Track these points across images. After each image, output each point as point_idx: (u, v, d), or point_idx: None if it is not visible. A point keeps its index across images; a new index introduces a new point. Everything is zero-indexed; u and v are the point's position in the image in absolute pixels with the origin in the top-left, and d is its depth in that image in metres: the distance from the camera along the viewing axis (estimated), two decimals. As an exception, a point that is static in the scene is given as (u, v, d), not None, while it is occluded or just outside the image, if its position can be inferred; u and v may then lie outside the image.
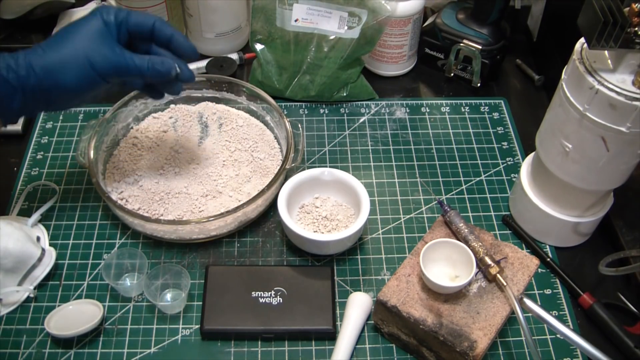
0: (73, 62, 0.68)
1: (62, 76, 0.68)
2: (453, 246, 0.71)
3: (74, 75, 0.68)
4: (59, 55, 0.68)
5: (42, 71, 0.67)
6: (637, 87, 0.62)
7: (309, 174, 0.82)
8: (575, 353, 0.74)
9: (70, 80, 0.68)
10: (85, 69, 0.69)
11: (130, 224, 0.82)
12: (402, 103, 1.01)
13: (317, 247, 0.78)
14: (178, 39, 0.74)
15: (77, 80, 0.69)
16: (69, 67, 0.68)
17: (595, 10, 0.62)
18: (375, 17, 0.93)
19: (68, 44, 0.69)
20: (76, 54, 0.68)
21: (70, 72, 0.68)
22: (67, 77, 0.68)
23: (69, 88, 0.69)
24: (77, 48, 0.68)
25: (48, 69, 0.68)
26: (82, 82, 0.69)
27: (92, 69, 0.69)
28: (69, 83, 0.69)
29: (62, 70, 0.68)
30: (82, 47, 0.69)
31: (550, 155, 0.74)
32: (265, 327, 0.73)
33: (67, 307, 0.75)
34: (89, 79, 0.69)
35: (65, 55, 0.68)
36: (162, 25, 0.74)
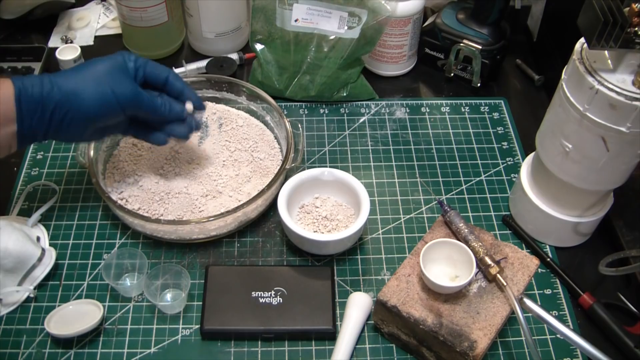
0: (96, 86, 0.72)
1: (84, 96, 0.71)
2: (453, 246, 0.71)
3: (95, 98, 0.71)
4: (83, 78, 0.71)
5: (66, 90, 0.70)
6: (637, 87, 0.62)
7: (309, 174, 0.82)
8: (575, 353, 0.74)
9: (91, 103, 0.71)
10: (107, 95, 0.72)
11: (130, 224, 0.82)
12: (402, 103, 1.01)
13: (317, 247, 0.78)
14: (188, 94, 0.80)
15: (97, 103, 0.71)
16: (91, 90, 0.71)
17: (595, 10, 0.62)
18: (375, 17, 0.93)
19: (93, 71, 0.72)
20: (100, 79, 0.72)
21: (92, 95, 0.71)
22: (89, 99, 0.71)
23: (88, 110, 0.71)
24: (100, 75, 0.72)
25: (71, 88, 0.70)
26: (102, 106, 0.72)
27: (114, 94, 0.72)
28: (90, 105, 0.71)
29: (85, 91, 0.71)
30: (106, 75, 0.72)
31: (550, 155, 0.74)
32: (265, 327, 0.73)
33: (67, 307, 0.75)
34: (108, 105, 0.72)
35: (89, 79, 0.71)
36: (175, 78, 0.79)
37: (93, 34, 1.12)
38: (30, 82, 0.68)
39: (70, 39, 1.10)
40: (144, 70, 0.76)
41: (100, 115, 0.72)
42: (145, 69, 0.76)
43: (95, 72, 0.72)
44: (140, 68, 0.76)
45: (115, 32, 1.12)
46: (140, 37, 1.05)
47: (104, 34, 1.13)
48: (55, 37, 1.11)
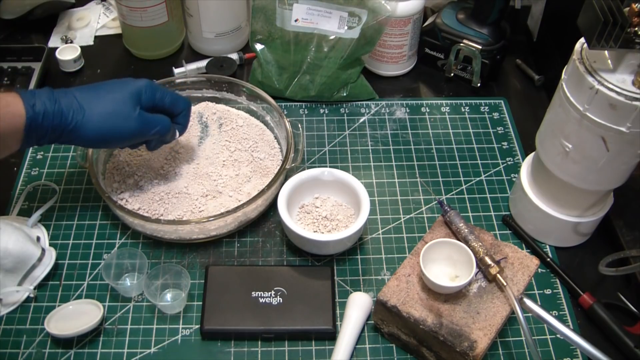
0: (103, 121, 0.73)
1: (89, 133, 0.73)
2: (453, 246, 0.71)
3: (99, 134, 0.73)
4: (92, 111, 0.73)
5: (75, 123, 0.71)
6: (637, 87, 0.62)
7: (309, 174, 0.82)
8: (575, 353, 0.74)
9: (94, 138, 0.73)
10: (111, 132, 0.74)
11: (130, 224, 0.82)
12: (402, 103, 1.01)
13: (317, 247, 0.78)
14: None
15: (100, 139, 0.74)
16: (97, 125, 0.73)
17: (595, 10, 0.62)
18: (375, 17, 0.93)
19: (105, 103, 0.74)
20: (109, 114, 0.74)
21: (97, 131, 0.73)
22: (93, 135, 0.73)
23: (91, 143, 0.75)
24: (110, 110, 0.74)
25: (80, 122, 0.72)
26: (104, 141, 0.75)
27: (119, 133, 0.74)
28: (93, 139, 0.73)
29: (92, 127, 0.72)
30: (116, 109, 0.74)
31: (550, 155, 0.74)
32: (265, 327, 0.73)
33: (67, 307, 0.75)
34: (111, 140, 0.75)
35: (98, 112, 0.73)
36: (186, 114, 0.82)
37: (93, 34, 1.12)
38: (42, 110, 0.69)
39: (70, 39, 1.10)
40: (160, 103, 0.78)
41: (101, 145, 0.78)
42: (163, 102, 0.78)
43: (107, 106, 0.73)
44: (157, 101, 0.78)
45: (115, 32, 1.12)
46: (140, 37, 1.05)
47: (104, 34, 1.13)
48: (55, 37, 1.11)
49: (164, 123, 0.78)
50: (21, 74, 1.00)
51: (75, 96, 0.72)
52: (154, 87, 0.77)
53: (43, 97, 0.70)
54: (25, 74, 1.00)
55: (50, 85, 1.02)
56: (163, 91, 0.78)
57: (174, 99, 0.79)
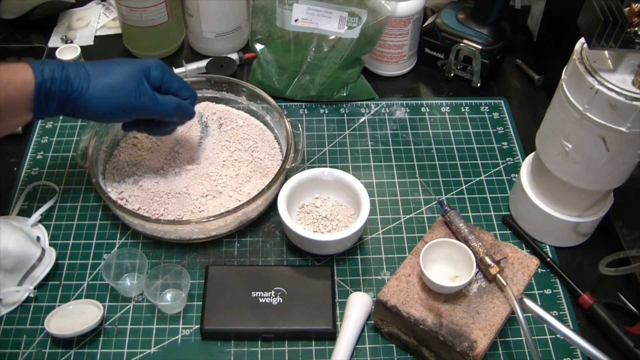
0: (109, 93, 0.74)
1: (97, 106, 0.74)
2: (453, 246, 0.71)
3: (106, 107, 0.74)
4: (100, 83, 0.73)
5: (83, 95, 0.72)
6: (637, 87, 0.62)
7: (309, 174, 0.82)
8: (575, 353, 0.74)
9: (101, 111, 0.74)
10: (118, 106, 0.75)
11: (130, 224, 0.82)
12: (402, 103, 1.01)
13: (317, 247, 0.78)
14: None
15: (107, 111, 0.75)
16: (103, 98, 0.73)
17: (595, 10, 0.62)
18: (375, 17, 0.93)
19: (112, 77, 0.74)
20: (116, 88, 0.74)
21: (103, 105, 0.74)
22: (100, 108, 0.74)
23: (98, 115, 0.75)
24: (117, 84, 0.74)
25: (88, 94, 0.73)
26: (111, 115, 0.76)
27: (124, 108, 0.75)
28: (99, 112, 0.75)
29: (98, 101, 0.73)
30: (124, 84, 0.74)
31: (550, 155, 0.74)
32: (265, 327, 0.73)
33: (67, 307, 0.75)
34: (117, 115, 0.76)
35: (106, 86, 0.74)
36: (192, 103, 0.82)
37: (93, 34, 1.12)
38: (49, 75, 0.70)
39: (70, 39, 1.10)
40: (167, 84, 0.78)
41: (105, 118, 0.77)
42: (170, 84, 0.78)
43: (114, 77, 0.74)
44: (165, 82, 0.78)
45: (115, 32, 1.12)
46: (140, 37, 1.05)
47: (104, 34, 1.13)
48: (55, 37, 1.11)
49: (169, 103, 0.78)
50: (21, 74, 1.00)
51: (84, 66, 0.74)
52: (164, 67, 0.78)
53: (52, 64, 0.72)
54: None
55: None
56: (172, 74, 0.79)
57: (181, 85, 0.80)
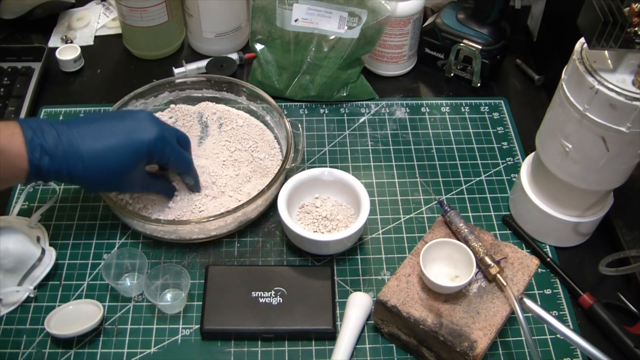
0: (102, 173, 0.72)
1: (89, 183, 0.74)
2: (453, 246, 0.71)
3: (98, 186, 0.76)
4: (93, 162, 0.71)
5: (75, 172, 0.70)
6: (637, 87, 0.62)
7: (309, 174, 0.82)
8: (575, 353, 0.74)
9: (93, 189, 0.79)
10: (110, 186, 0.76)
11: (130, 224, 0.82)
12: (402, 103, 1.01)
13: (317, 247, 0.78)
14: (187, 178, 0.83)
15: (98, 190, 0.78)
16: (96, 178, 0.72)
17: (595, 10, 0.62)
18: (375, 17, 0.93)
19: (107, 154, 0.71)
20: (110, 167, 0.72)
21: (96, 185, 0.75)
22: (92, 185, 0.75)
23: (91, 190, 0.81)
24: (112, 163, 0.72)
25: (80, 171, 0.70)
26: (102, 189, 0.78)
27: (117, 186, 0.77)
28: (93, 189, 0.79)
29: (90, 180, 0.72)
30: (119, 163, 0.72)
31: (550, 155, 0.74)
32: (265, 327, 0.73)
33: (67, 307, 0.75)
34: (108, 190, 0.78)
35: (99, 166, 0.71)
36: (191, 175, 0.82)
37: (93, 34, 1.12)
38: (44, 168, 0.68)
39: (70, 39, 1.10)
40: (165, 160, 0.77)
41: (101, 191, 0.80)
42: (169, 162, 0.77)
43: (111, 165, 0.71)
44: (163, 159, 0.76)
45: (115, 32, 1.12)
46: (140, 37, 1.05)
47: (104, 34, 1.13)
48: (55, 37, 1.11)
49: (164, 190, 0.82)
50: (21, 74, 1.00)
51: (82, 157, 0.69)
52: (164, 144, 0.74)
53: (47, 155, 0.68)
54: (25, 74, 1.00)
55: (51, 85, 1.02)
56: (172, 148, 0.76)
57: (178, 159, 0.78)
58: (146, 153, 0.73)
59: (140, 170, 0.76)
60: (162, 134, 0.74)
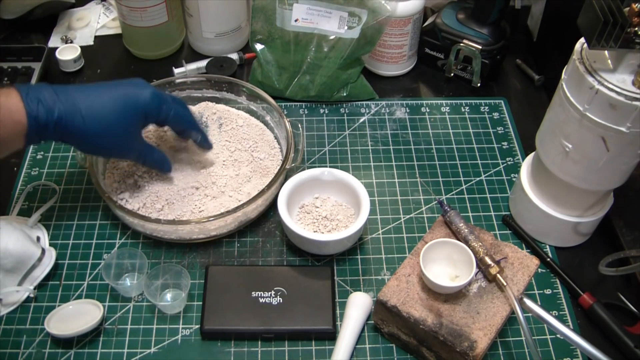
0: (101, 129, 0.73)
1: (85, 143, 0.74)
2: (453, 246, 0.71)
3: (95, 148, 0.77)
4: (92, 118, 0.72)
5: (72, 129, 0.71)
6: (637, 87, 0.62)
7: (309, 174, 0.82)
8: (575, 353, 0.74)
9: (91, 151, 0.78)
10: (107, 149, 0.77)
11: (130, 224, 0.82)
12: (402, 103, 1.01)
13: (317, 247, 0.78)
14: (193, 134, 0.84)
15: (96, 152, 0.79)
16: (94, 139, 0.73)
17: (595, 10, 0.62)
18: (375, 17, 0.93)
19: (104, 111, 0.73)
20: (109, 123, 0.73)
21: (93, 145, 0.75)
22: (90, 147, 0.76)
23: (89, 151, 0.79)
24: (112, 119, 0.73)
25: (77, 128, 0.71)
26: (101, 154, 0.80)
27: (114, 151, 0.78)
28: (90, 150, 0.78)
29: (88, 139, 0.73)
30: (117, 120, 0.73)
31: (550, 155, 0.74)
32: (265, 327, 0.73)
33: (67, 307, 0.75)
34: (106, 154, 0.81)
35: (98, 120, 0.72)
36: (194, 128, 0.83)
37: (93, 34, 1.12)
38: (43, 121, 0.69)
39: (70, 39, 1.10)
40: (164, 117, 0.78)
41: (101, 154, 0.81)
42: (167, 119, 0.78)
43: (109, 126, 0.72)
44: (159, 116, 0.77)
45: (115, 32, 1.12)
46: (140, 37, 1.05)
47: (104, 34, 1.13)
48: (55, 37, 1.11)
49: (160, 163, 0.82)
50: (21, 74, 1.00)
51: (80, 110, 0.71)
52: (161, 101, 0.76)
53: (44, 107, 0.69)
54: (25, 74, 1.00)
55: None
56: (168, 105, 0.77)
57: (177, 115, 0.79)
58: (142, 109, 0.74)
59: (137, 131, 0.77)
60: (157, 93, 0.76)
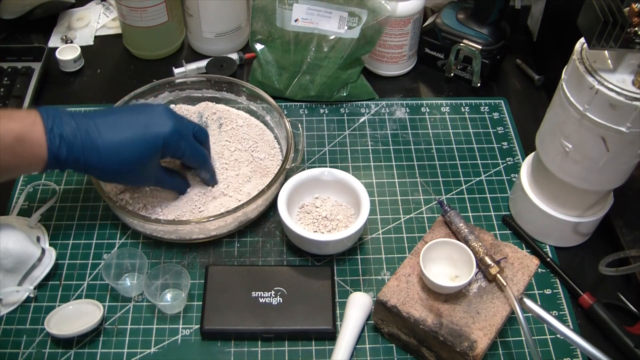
0: (118, 168, 0.73)
1: (105, 176, 0.77)
2: (453, 246, 0.71)
3: (112, 179, 0.78)
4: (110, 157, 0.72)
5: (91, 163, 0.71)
6: (637, 87, 0.62)
7: (309, 174, 0.82)
8: (575, 353, 0.74)
9: (109, 180, 0.79)
10: (125, 179, 0.78)
11: (130, 224, 0.82)
12: (402, 103, 1.01)
13: (317, 247, 0.78)
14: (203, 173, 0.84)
15: (113, 181, 0.80)
16: (111, 172, 0.74)
17: (595, 10, 0.62)
18: (375, 17, 0.93)
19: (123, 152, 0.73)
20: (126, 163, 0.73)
21: (111, 177, 0.77)
22: (107, 178, 0.78)
23: (107, 180, 0.80)
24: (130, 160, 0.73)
25: (96, 162, 0.72)
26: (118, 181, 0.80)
27: (133, 181, 0.79)
28: (108, 180, 0.79)
29: (106, 173, 0.74)
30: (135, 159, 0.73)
31: (550, 155, 0.74)
32: (265, 327, 0.73)
33: (67, 307, 0.75)
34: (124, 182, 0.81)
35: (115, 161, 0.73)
36: (207, 169, 0.83)
37: (93, 34, 1.12)
38: (63, 158, 0.69)
39: (70, 39, 1.10)
40: (180, 155, 0.78)
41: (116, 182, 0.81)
42: (183, 157, 0.78)
43: (127, 158, 0.72)
44: (177, 153, 0.77)
45: (115, 32, 1.12)
46: (140, 37, 1.05)
47: (104, 34, 1.13)
48: (55, 37, 1.11)
49: (178, 186, 0.82)
50: (21, 74, 1.00)
51: (97, 143, 0.71)
52: (179, 139, 0.75)
53: (65, 144, 0.69)
54: (25, 74, 1.00)
55: (51, 85, 1.02)
56: (187, 142, 0.77)
57: (193, 154, 0.79)
58: (161, 147, 0.74)
59: (155, 164, 0.77)
60: (177, 129, 0.75)
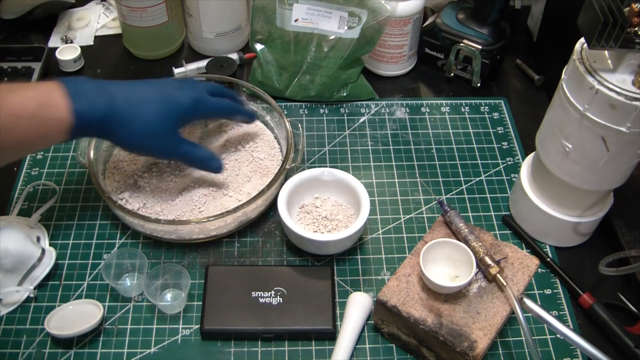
0: (141, 136, 0.75)
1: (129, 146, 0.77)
2: (453, 246, 0.71)
3: (137, 150, 0.79)
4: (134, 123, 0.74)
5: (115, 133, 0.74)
6: (637, 87, 0.62)
7: (309, 174, 0.82)
8: (575, 353, 0.74)
9: (133, 150, 0.80)
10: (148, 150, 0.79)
11: (130, 224, 0.82)
12: (402, 103, 1.01)
13: (317, 247, 0.78)
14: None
15: (137, 151, 0.81)
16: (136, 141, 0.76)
17: (595, 10, 0.62)
18: (375, 17, 0.93)
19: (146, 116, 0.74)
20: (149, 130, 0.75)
21: (136, 146, 0.77)
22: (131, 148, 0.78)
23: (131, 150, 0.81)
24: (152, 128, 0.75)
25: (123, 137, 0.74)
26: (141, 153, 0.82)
27: (155, 152, 0.79)
28: (132, 150, 0.80)
29: (130, 142, 0.76)
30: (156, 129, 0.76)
31: (550, 155, 0.74)
32: (265, 327, 0.73)
33: (67, 307, 0.75)
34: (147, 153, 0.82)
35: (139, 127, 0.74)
36: (237, 111, 0.86)
37: (93, 34, 1.12)
38: (86, 122, 0.70)
39: (70, 39, 1.10)
40: (207, 117, 0.85)
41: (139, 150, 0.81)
42: (211, 117, 0.86)
43: (147, 130, 0.74)
44: (202, 117, 0.84)
45: (115, 32, 1.12)
46: (140, 37, 1.05)
47: (104, 34, 1.13)
48: (55, 37, 1.11)
49: (206, 161, 0.82)
50: (21, 74, 1.00)
51: (117, 112, 0.72)
52: (199, 105, 0.78)
53: (87, 104, 0.70)
54: (25, 74, 1.00)
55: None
56: (205, 106, 0.80)
57: (220, 110, 0.83)
58: (183, 115, 0.77)
59: (176, 130, 0.78)
60: (193, 100, 0.78)
